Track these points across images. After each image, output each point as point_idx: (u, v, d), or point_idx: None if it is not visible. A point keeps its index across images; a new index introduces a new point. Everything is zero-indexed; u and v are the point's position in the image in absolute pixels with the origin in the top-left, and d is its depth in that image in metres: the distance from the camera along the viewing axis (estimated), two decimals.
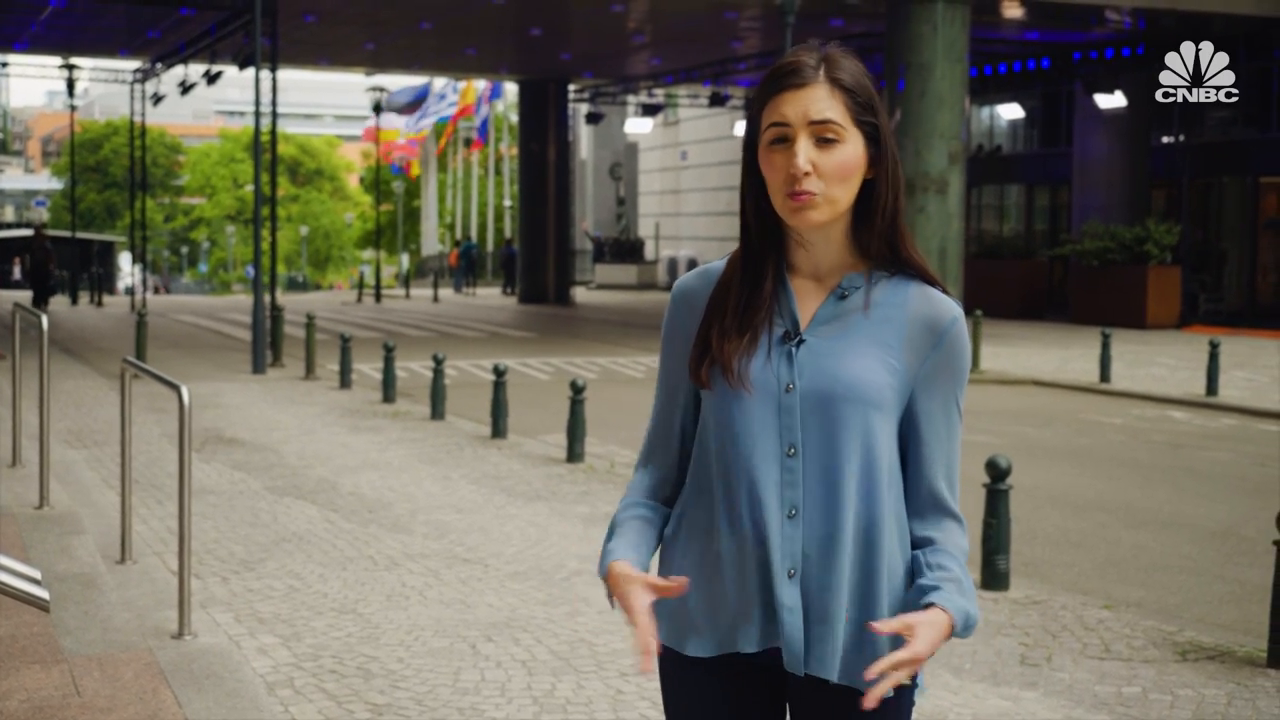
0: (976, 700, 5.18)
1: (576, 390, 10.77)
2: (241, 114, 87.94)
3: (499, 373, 12.06)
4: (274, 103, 19.92)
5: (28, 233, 42.49)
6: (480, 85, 54.16)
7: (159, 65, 31.74)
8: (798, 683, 2.28)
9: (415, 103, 57.34)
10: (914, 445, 2.24)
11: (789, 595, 2.18)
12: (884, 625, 2.10)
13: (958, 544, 2.25)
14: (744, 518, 2.20)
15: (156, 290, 56.14)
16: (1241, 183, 28.89)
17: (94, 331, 25.77)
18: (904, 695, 2.26)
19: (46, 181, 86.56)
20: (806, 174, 2.14)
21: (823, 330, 2.21)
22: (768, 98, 2.18)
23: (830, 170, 2.15)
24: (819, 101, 2.15)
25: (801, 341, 2.21)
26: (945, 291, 2.26)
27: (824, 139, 2.15)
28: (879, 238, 2.22)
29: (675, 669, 2.33)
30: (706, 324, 2.26)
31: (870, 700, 2.06)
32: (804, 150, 2.14)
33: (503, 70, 39.53)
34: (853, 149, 2.17)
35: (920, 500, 2.25)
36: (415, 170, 62.50)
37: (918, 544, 2.25)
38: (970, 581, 2.23)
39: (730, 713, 2.32)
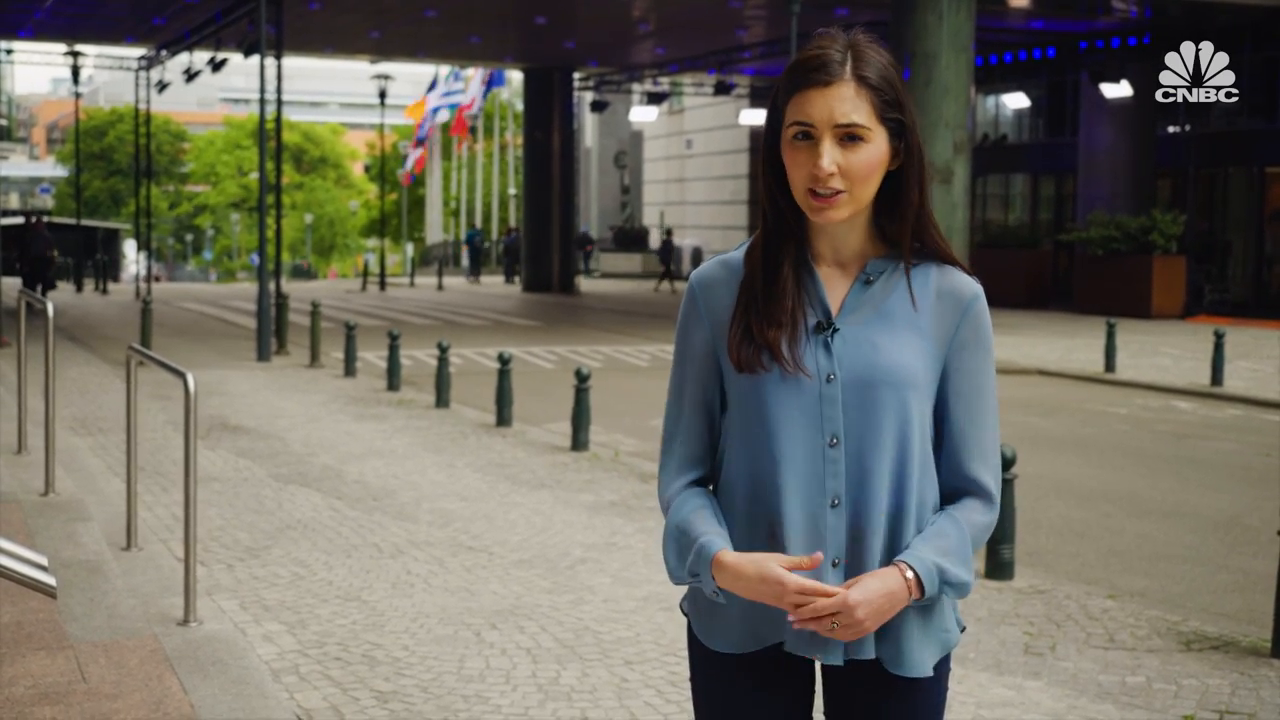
0: (980, 689, 5.18)
1: (581, 378, 10.77)
2: (246, 101, 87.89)
3: (504, 361, 12.07)
4: (279, 90, 19.89)
5: (18, 220, 37.09)
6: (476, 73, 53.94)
7: (164, 52, 31.71)
8: (833, 668, 2.29)
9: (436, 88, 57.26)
10: (946, 426, 2.25)
11: (835, 585, 2.18)
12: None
13: (970, 517, 2.23)
14: (789, 508, 2.19)
15: (158, 278, 56.05)
16: (1247, 173, 28.82)
17: (99, 319, 25.79)
18: (941, 673, 2.29)
19: (51, 169, 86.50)
20: (831, 174, 2.14)
21: (853, 318, 2.22)
22: (792, 93, 2.17)
23: (854, 170, 2.15)
24: (844, 103, 2.14)
25: (835, 331, 2.21)
26: (966, 271, 2.27)
27: (849, 137, 2.15)
28: (905, 227, 2.23)
29: (710, 666, 2.32)
30: (743, 310, 2.23)
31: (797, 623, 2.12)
32: (829, 152, 2.14)
33: (507, 58, 39.46)
34: (877, 147, 2.16)
35: (949, 480, 2.26)
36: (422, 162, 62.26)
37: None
38: (966, 545, 2.21)
39: (770, 704, 2.31)
